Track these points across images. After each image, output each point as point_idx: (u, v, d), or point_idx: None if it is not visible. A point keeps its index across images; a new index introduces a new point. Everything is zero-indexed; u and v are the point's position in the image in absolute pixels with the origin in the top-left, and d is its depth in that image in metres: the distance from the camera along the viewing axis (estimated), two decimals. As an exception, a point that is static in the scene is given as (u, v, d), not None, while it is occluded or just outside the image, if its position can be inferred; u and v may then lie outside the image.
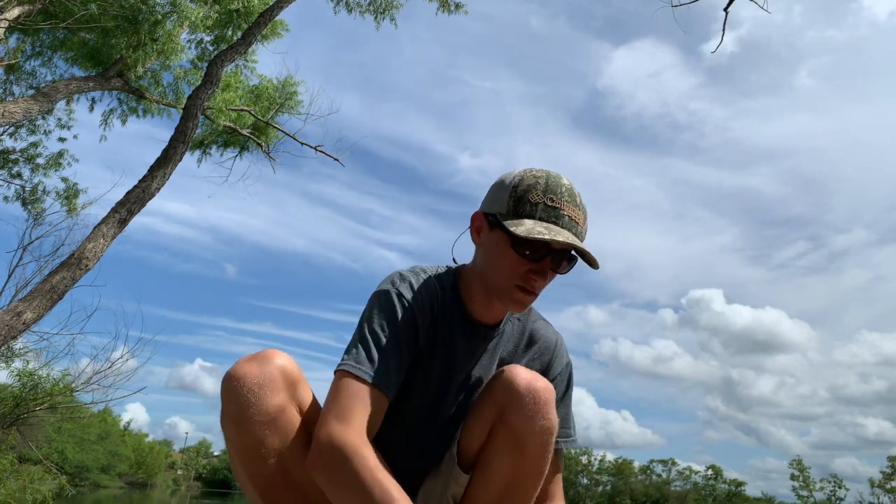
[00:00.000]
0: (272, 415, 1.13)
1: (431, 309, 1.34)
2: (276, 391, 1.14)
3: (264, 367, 1.15)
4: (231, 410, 1.13)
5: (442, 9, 11.54)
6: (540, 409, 1.22)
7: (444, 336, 1.36)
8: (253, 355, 1.18)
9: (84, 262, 7.13)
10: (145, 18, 8.76)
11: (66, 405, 10.73)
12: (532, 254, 1.24)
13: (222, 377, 1.17)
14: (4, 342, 6.78)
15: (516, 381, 1.23)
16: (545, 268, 1.26)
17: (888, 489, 43.79)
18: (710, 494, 53.30)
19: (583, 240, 1.28)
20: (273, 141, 11.78)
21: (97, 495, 36.47)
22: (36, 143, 11.41)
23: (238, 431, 1.13)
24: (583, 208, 1.30)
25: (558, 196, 1.26)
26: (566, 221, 1.24)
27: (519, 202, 1.26)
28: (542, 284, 1.28)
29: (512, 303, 1.29)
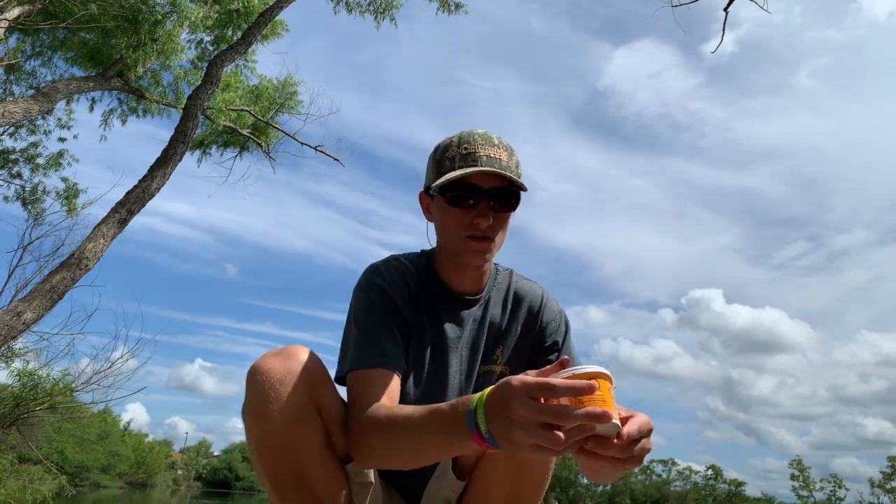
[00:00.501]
0: (291, 412, 1.12)
1: (407, 286, 1.38)
2: (298, 388, 1.13)
3: (288, 364, 1.15)
4: (252, 403, 1.13)
5: (442, 9, 11.54)
6: None
7: (428, 310, 1.39)
8: (278, 350, 1.18)
9: (84, 262, 7.13)
10: (145, 18, 8.76)
11: (66, 405, 10.73)
12: (465, 200, 1.30)
13: (248, 370, 1.16)
14: (4, 342, 6.78)
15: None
16: (483, 209, 1.29)
17: (888, 489, 43.77)
18: (710, 494, 53.29)
19: (513, 173, 1.31)
20: (273, 141, 11.78)
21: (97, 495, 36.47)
22: (36, 143, 11.42)
23: (257, 425, 1.13)
24: (504, 146, 1.34)
25: (472, 143, 1.32)
26: (484, 160, 1.29)
27: (440, 164, 1.34)
28: (491, 227, 1.31)
29: (470, 255, 1.33)
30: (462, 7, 11.54)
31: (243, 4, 10.43)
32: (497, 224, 1.32)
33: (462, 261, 1.37)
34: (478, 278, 1.43)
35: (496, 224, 1.32)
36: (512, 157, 1.34)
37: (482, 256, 1.33)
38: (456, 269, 1.41)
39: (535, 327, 1.46)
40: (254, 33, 9.53)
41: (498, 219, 1.32)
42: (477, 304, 1.44)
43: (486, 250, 1.33)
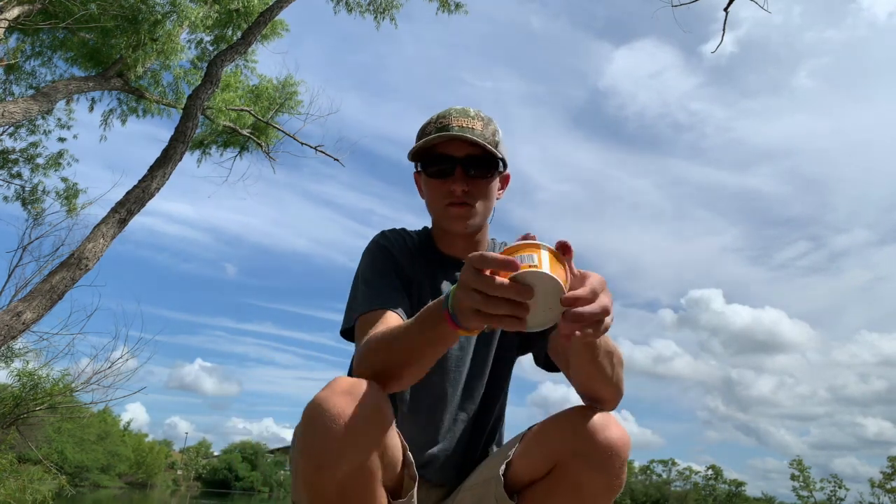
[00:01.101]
0: (358, 464, 1.01)
1: (405, 245, 1.47)
2: (369, 437, 1.02)
3: (359, 406, 1.00)
4: (314, 449, 1.00)
5: (442, 9, 11.54)
6: (615, 470, 1.11)
7: (427, 271, 1.46)
8: (350, 388, 1.02)
9: (84, 262, 7.13)
10: (145, 18, 8.77)
11: (65, 405, 10.73)
12: (440, 169, 1.38)
13: (310, 403, 1.01)
14: (4, 342, 6.78)
15: (596, 433, 1.11)
16: (459, 176, 1.36)
17: (888, 489, 43.79)
18: (711, 494, 53.30)
19: (488, 141, 1.36)
20: (273, 141, 11.78)
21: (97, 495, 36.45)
22: (36, 143, 11.42)
23: (317, 474, 1.01)
24: (481, 118, 1.40)
25: (447, 116, 1.40)
26: (456, 130, 1.36)
27: (419, 139, 1.41)
28: (468, 193, 1.37)
29: (451, 220, 1.40)
30: (462, 7, 11.55)
31: (243, 4, 10.43)
32: (475, 190, 1.39)
33: (446, 228, 1.44)
34: (471, 246, 1.48)
35: (473, 190, 1.38)
36: (488, 126, 1.39)
37: (463, 222, 1.39)
38: (448, 239, 1.49)
39: None
40: (254, 33, 9.54)
41: (475, 185, 1.38)
42: None
43: (467, 215, 1.39)
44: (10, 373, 10.06)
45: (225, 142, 11.84)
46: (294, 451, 1.08)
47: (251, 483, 61.77)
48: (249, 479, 62.03)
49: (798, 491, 47.52)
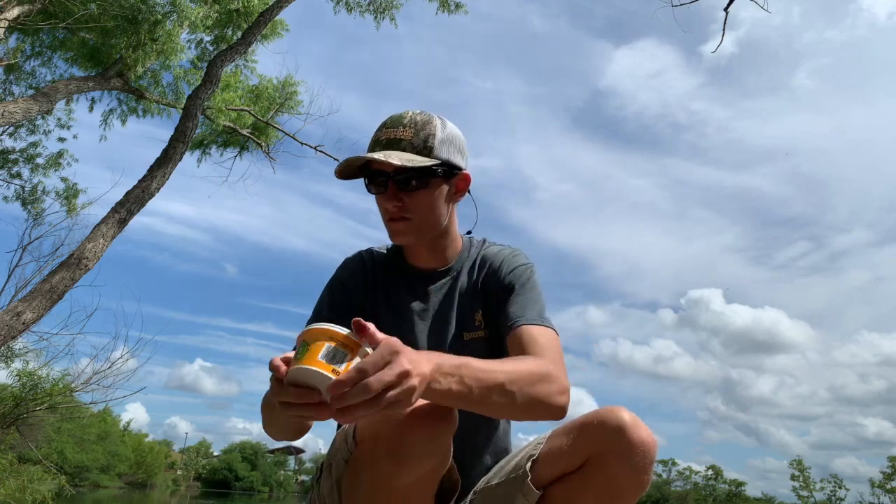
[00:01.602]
0: (432, 463, 1.08)
1: (363, 269, 1.50)
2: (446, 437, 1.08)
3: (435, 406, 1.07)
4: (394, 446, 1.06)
5: (442, 8, 11.53)
6: (645, 466, 1.17)
7: (390, 290, 1.48)
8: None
9: (84, 262, 7.13)
10: (145, 18, 8.76)
11: (65, 405, 10.73)
12: (372, 187, 1.37)
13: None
14: (4, 342, 6.78)
15: (628, 431, 1.16)
16: (391, 192, 1.35)
17: (888, 489, 43.78)
18: (711, 495, 53.28)
19: (417, 149, 1.33)
20: (273, 141, 11.77)
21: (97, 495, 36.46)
22: (36, 143, 11.41)
23: (396, 470, 1.07)
24: (413, 124, 1.35)
25: (381, 129, 1.38)
26: (384, 143, 1.34)
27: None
28: (402, 207, 1.35)
29: (393, 236, 1.40)
30: (462, 7, 11.53)
31: (243, 4, 10.43)
32: (411, 203, 1.35)
33: (393, 242, 1.44)
34: (438, 253, 1.47)
35: (409, 204, 1.35)
36: (420, 132, 1.34)
37: (402, 237, 1.39)
38: (411, 250, 1.49)
39: (500, 282, 1.44)
40: (254, 33, 9.54)
41: (410, 198, 1.35)
42: (446, 277, 1.47)
43: (405, 231, 1.38)
44: (10, 373, 10.08)
45: (225, 142, 11.83)
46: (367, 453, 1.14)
47: (251, 483, 61.75)
48: (249, 479, 62.01)
49: (798, 491, 47.51)
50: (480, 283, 1.46)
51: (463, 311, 1.44)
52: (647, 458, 1.16)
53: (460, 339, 1.42)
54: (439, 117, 1.40)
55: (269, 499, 59.15)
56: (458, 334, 1.43)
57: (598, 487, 1.18)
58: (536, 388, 1.13)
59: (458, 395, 1.01)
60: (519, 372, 1.12)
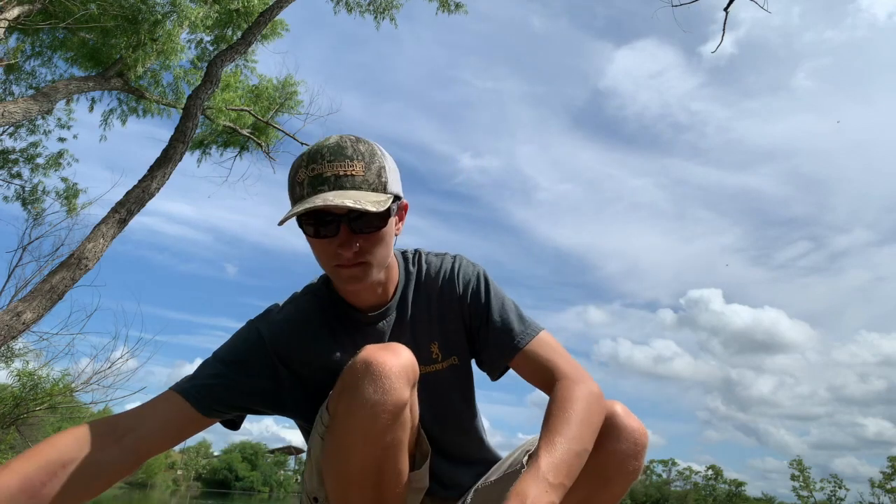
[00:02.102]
0: (400, 408, 1.11)
1: (288, 333, 1.30)
2: (407, 385, 1.12)
3: (400, 359, 1.12)
4: (368, 393, 1.08)
5: (442, 8, 11.53)
6: (636, 453, 1.22)
7: (328, 344, 1.32)
8: (384, 346, 1.14)
9: (84, 262, 7.13)
10: (145, 18, 8.76)
11: (65, 405, 10.72)
12: (323, 231, 1.18)
13: (353, 361, 1.13)
14: (4, 342, 6.78)
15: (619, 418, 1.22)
16: (345, 236, 1.17)
17: (888, 489, 43.77)
18: (711, 494, 53.28)
19: (373, 186, 1.17)
20: (273, 141, 11.77)
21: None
22: (36, 143, 11.40)
23: (370, 417, 1.08)
24: (360, 155, 1.17)
25: (319, 161, 1.16)
26: (333, 181, 1.15)
27: (292, 190, 1.21)
28: (359, 252, 1.18)
29: (345, 282, 1.23)
30: (462, 7, 11.53)
31: (243, 4, 10.43)
32: (366, 245, 1.20)
33: (341, 289, 1.31)
34: (375, 292, 1.32)
35: (365, 246, 1.19)
36: (371, 165, 1.18)
37: (357, 281, 1.22)
38: (346, 292, 1.32)
39: (457, 301, 1.35)
40: (254, 33, 9.53)
41: (366, 240, 1.19)
42: (390, 314, 1.34)
43: (360, 276, 1.22)
44: (10, 373, 10.07)
45: (225, 142, 11.83)
46: (342, 403, 1.13)
47: (251, 483, 61.75)
48: (249, 479, 62.01)
49: (798, 491, 47.51)
50: (434, 309, 1.36)
51: (417, 344, 1.32)
52: (637, 443, 1.21)
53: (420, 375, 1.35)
54: (375, 144, 1.25)
55: (269, 499, 59.13)
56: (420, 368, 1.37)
57: (590, 472, 1.18)
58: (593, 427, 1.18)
59: (560, 495, 1.07)
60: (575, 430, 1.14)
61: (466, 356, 1.39)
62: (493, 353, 1.33)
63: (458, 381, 1.39)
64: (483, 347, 1.35)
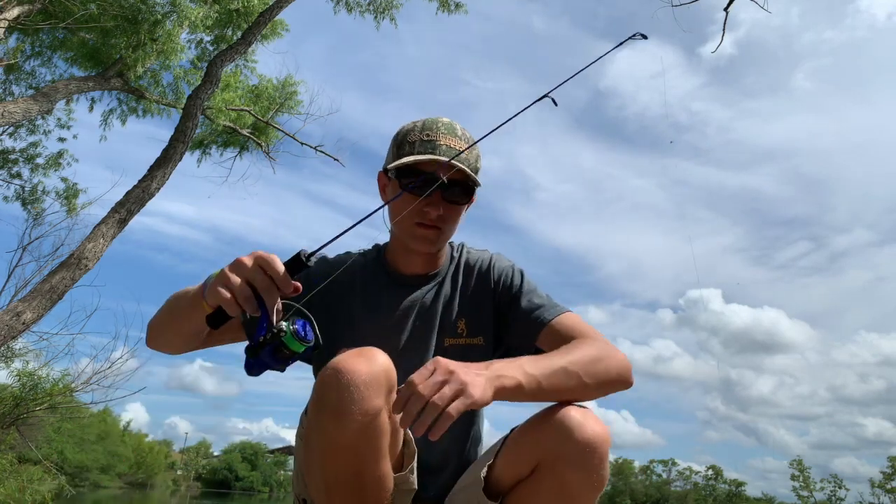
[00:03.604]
0: (372, 415, 1.08)
1: (333, 273, 1.39)
2: (379, 392, 1.09)
3: (372, 366, 1.10)
4: (334, 402, 1.07)
5: (442, 8, 11.53)
6: (596, 465, 1.12)
7: (366, 295, 1.44)
8: (358, 351, 1.13)
9: (84, 262, 7.13)
10: (145, 18, 8.76)
11: (65, 405, 10.71)
12: (418, 186, 1.30)
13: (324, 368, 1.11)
14: (4, 342, 6.78)
15: (573, 431, 1.12)
16: (436, 198, 1.32)
17: (888, 489, 43.77)
18: (711, 495, 53.27)
19: (470, 167, 1.34)
20: (273, 141, 11.77)
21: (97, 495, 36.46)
22: (36, 143, 11.40)
23: (336, 424, 1.07)
24: (466, 138, 1.37)
25: (434, 130, 1.35)
26: (443, 150, 1.32)
27: (399, 147, 1.37)
28: (441, 217, 1.33)
29: (418, 241, 1.36)
30: (462, 7, 11.53)
31: (243, 4, 10.42)
32: (448, 215, 1.36)
33: (409, 247, 1.40)
34: (429, 261, 1.45)
35: (447, 214, 1.35)
36: (473, 150, 1.36)
37: (429, 244, 1.37)
38: (405, 253, 1.44)
39: (490, 288, 1.45)
40: (254, 33, 9.53)
41: (449, 210, 1.36)
42: (430, 284, 1.45)
43: (434, 239, 1.36)
44: (10, 373, 10.06)
45: (225, 142, 11.82)
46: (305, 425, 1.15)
47: (251, 483, 61.75)
48: (249, 480, 62.01)
49: (798, 491, 47.48)
50: (468, 291, 1.45)
51: (445, 317, 1.43)
52: (596, 455, 1.12)
53: (441, 345, 1.42)
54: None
55: (269, 499, 59.15)
56: (439, 340, 1.42)
57: (551, 493, 1.15)
58: (600, 367, 1.19)
59: (529, 386, 1.10)
60: (575, 355, 1.18)
61: (491, 340, 1.44)
62: (522, 331, 1.37)
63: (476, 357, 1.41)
64: (512, 326, 1.41)
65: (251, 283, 1.01)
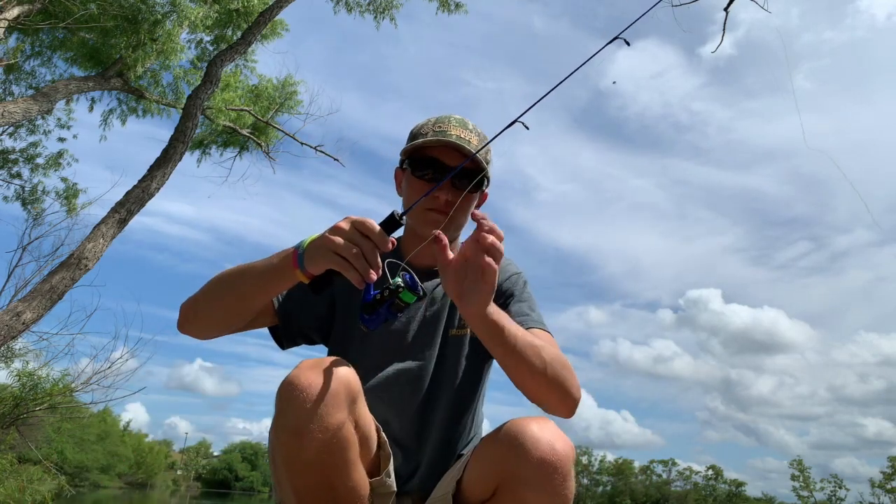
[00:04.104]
0: (333, 430, 1.06)
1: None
2: (340, 406, 1.07)
3: (328, 378, 1.08)
4: (291, 421, 1.05)
5: (441, 8, 11.52)
6: (558, 486, 1.06)
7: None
8: (315, 362, 1.11)
9: (83, 262, 7.13)
10: (145, 18, 8.76)
11: (65, 405, 10.71)
12: (428, 173, 1.39)
13: (281, 383, 1.08)
14: (4, 342, 6.78)
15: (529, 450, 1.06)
16: (445, 184, 1.36)
17: (888, 489, 43.77)
18: (711, 495, 53.27)
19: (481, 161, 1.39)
20: (273, 141, 11.75)
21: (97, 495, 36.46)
22: (35, 143, 11.39)
23: (295, 442, 1.06)
24: (477, 133, 1.43)
25: (446, 123, 1.42)
26: (454, 139, 1.37)
27: (413, 139, 1.45)
28: (450, 202, 1.38)
29: (427, 225, 1.39)
30: (462, 7, 11.52)
31: (243, 4, 10.42)
32: (456, 201, 1.40)
33: (419, 232, 1.43)
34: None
35: (455, 201, 1.40)
36: (484, 144, 1.42)
37: (436, 225, 1.36)
38: (416, 245, 1.46)
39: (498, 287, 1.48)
40: (254, 33, 9.53)
41: (457, 196, 1.40)
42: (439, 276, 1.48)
43: (441, 221, 1.37)
44: (10, 373, 10.06)
45: (225, 142, 11.82)
46: (272, 432, 1.13)
47: (251, 483, 61.78)
48: (249, 480, 62.04)
49: (798, 491, 47.50)
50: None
51: (452, 309, 1.47)
52: (557, 475, 1.05)
53: (447, 335, 1.45)
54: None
55: (269, 499, 59.12)
56: (445, 330, 1.46)
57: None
58: (563, 372, 1.19)
59: (504, 334, 1.12)
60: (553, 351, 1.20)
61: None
62: None
63: (478, 348, 1.43)
64: None
65: (359, 245, 1.04)
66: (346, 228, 1.05)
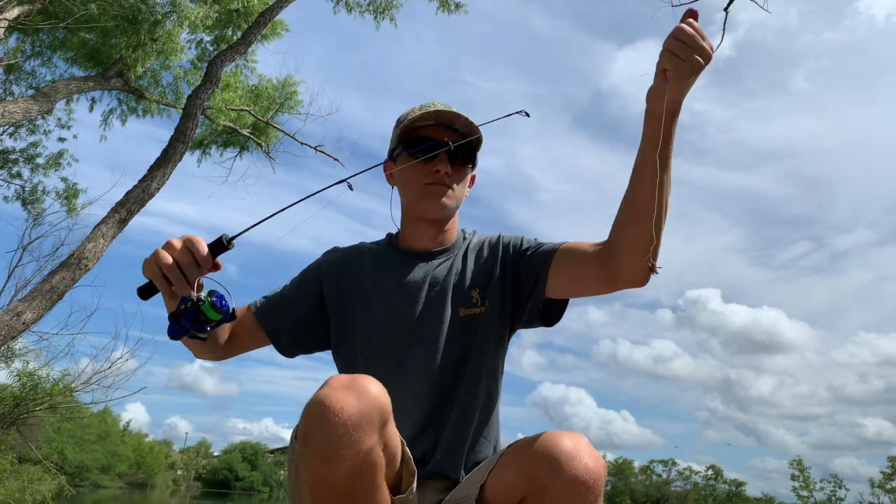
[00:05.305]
0: (363, 456, 1.02)
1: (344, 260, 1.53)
2: (372, 431, 1.03)
3: (362, 402, 1.02)
4: (321, 446, 1.00)
5: (442, 8, 11.53)
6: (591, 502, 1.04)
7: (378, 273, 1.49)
8: (348, 383, 1.05)
9: (84, 263, 7.13)
10: (145, 18, 8.76)
11: (65, 405, 10.72)
12: (422, 150, 1.41)
13: (311, 401, 1.04)
14: (4, 342, 6.78)
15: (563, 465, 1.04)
16: (442, 158, 1.40)
17: (888, 489, 43.76)
18: (711, 495, 53.25)
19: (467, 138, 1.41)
20: (273, 141, 11.76)
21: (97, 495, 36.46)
22: (36, 143, 11.40)
23: (324, 469, 1.01)
24: (461, 113, 1.44)
25: (430, 106, 1.46)
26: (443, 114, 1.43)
27: (398, 126, 1.48)
28: (449, 175, 1.42)
29: (428, 199, 1.42)
30: (462, 7, 11.53)
31: (243, 4, 10.42)
32: (455, 175, 1.44)
33: (420, 210, 1.45)
34: (438, 234, 1.50)
35: (454, 175, 1.43)
36: (469, 122, 1.44)
37: (438, 200, 1.42)
38: (415, 227, 1.50)
39: (499, 255, 1.49)
40: (254, 33, 9.53)
41: (456, 170, 1.44)
42: (441, 258, 1.50)
43: (444, 195, 1.42)
44: (10, 373, 10.07)
45: (225, 142, 11.82)
46: (296, 451, 1.09)
47: (251, 483, 61.75)
48: (249, 480, 62.01)
49: (798, 491, 47.46)
50: (480, 263, 1.49)
51: (459, 288, 1.46)
52: (590, 493, 1.03)
53: (456, 315, 1.44)
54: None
55: (269, 499, 59.14)
56: (454, 310, 1.44)
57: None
58: (664, 217, 1.27)
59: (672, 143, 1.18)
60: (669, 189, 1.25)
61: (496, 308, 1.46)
62: (536, 262, 1.41)
63: (493, 326, 1.45)
64: (526, 270, 1.44)
65: (178, 260, 1.12)
66: (177, 246, 1.14)
